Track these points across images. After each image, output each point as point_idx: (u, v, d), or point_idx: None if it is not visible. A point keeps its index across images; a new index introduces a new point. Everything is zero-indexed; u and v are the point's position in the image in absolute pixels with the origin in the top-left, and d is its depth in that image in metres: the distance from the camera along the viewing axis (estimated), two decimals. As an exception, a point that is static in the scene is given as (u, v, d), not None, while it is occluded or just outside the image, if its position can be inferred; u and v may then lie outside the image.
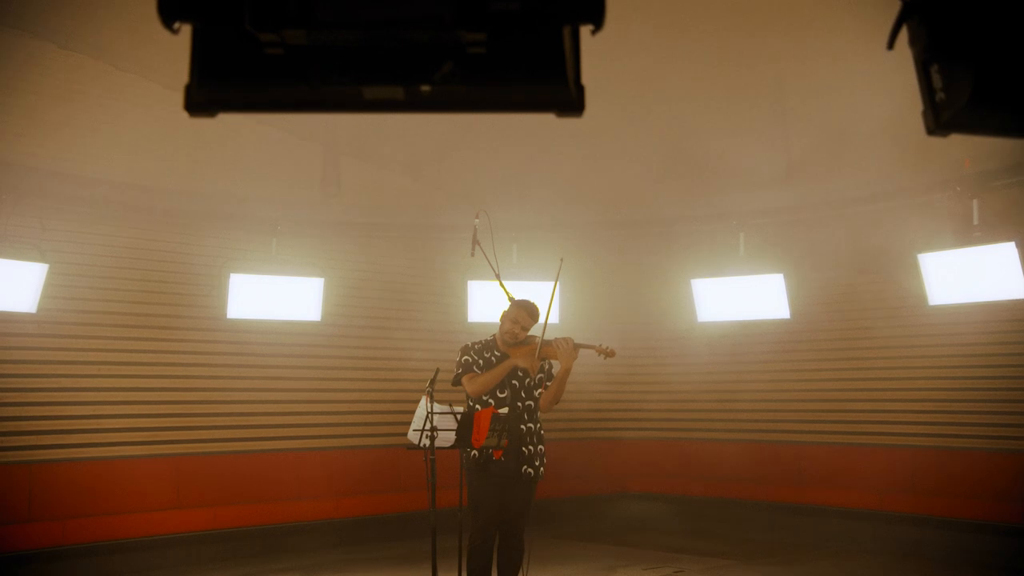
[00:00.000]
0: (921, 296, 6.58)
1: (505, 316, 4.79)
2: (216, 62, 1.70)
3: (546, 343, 4.68)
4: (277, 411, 7.84)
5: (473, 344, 4.87)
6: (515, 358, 4.75)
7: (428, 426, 4.32)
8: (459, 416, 4.43)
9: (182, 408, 7.38)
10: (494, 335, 4.89)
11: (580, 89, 1.78)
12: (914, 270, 6.54)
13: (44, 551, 6.25)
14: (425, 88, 1.72)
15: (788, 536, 7.89)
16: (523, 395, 4.74)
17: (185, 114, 1.77)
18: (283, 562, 7.06)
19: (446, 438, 4.40)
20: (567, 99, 1.78)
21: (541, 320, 4.74)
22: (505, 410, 4.56)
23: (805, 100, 6.29)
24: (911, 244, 6.54)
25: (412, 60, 1.70)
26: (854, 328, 8.07)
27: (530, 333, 4.82)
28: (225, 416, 7.60)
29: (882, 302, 7.84)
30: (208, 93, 1.73)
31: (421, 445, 4.36)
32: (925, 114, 1.92)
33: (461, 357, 4.83)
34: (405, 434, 4.47)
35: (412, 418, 4.44)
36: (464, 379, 4.75)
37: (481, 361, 4.80)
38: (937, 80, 1.89)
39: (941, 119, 1.87)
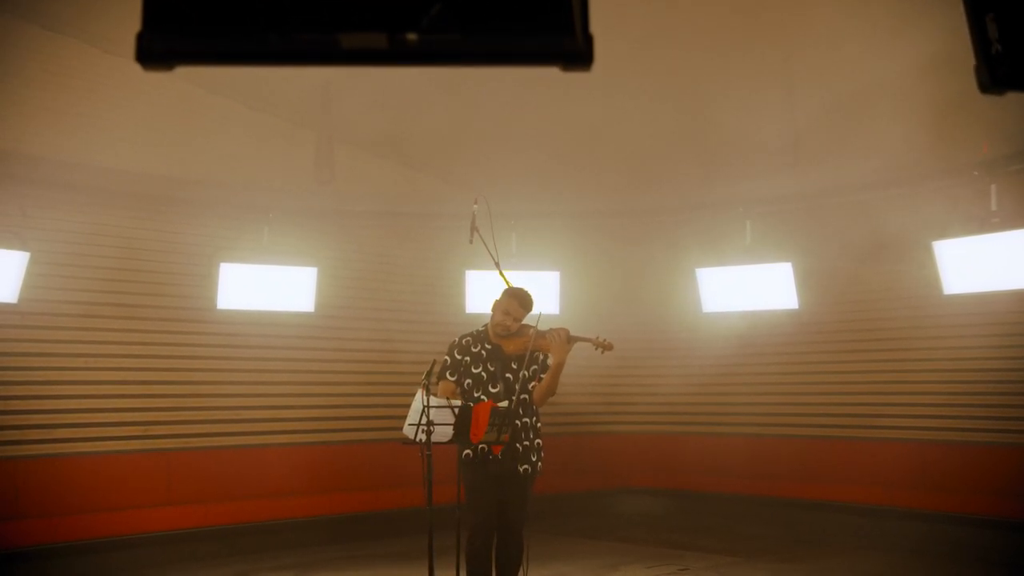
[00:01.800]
0: (935, 285, 6.42)
1: (496, 306, 4.61)
2: (171, 5, 1.48)
3: (539, 335, 4.50)
4: (270, 404, 7.70)
5: (462, 339, 4.68)
6: (506, 349, 4.58)
7: (424, 420, 4.15)
8: (457, 410, 4.24)
9: (172, 402, 7.24)
10: (486, 325, 4.71)
11: (588, 39, 1.57)
12: (928, 258, 6.37)
13: (32, 549, 6.10)
14: (412, 36, 1.50)
15: (794, 532, 7.76)
16: (517, 389, 4.54)
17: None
18: (277, 559, 6.93)
19: (443, 433, 4.25)
20: (574, 50, 1.56)
21: (535, 312, 4.55)
22: (505, 404, 4.39)
23: (812, 79, 6.07)
24: (925, 231, 6.37)
25: (397, 3, 1.49)
26: (864, 319, 7.91)
27: (524, 323, 4.64)
28: (216, 410, 7.46)
29: (894, 292, 7.68)
30: (162, 42, 1.51)
31: (417, 440, 4.19)
32: (978, 70, 1.70)
33: (445, 355, 4.68)
34: (401, 428, 4.31)
35: (408, 412, 4.27)
36: (440, 382, 4.63)
37: (468, 358, 4.62)
38: (992, 30, 1.67)
39: (998, 75, 1.66)
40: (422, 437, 4.15)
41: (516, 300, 4.56)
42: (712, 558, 7.00)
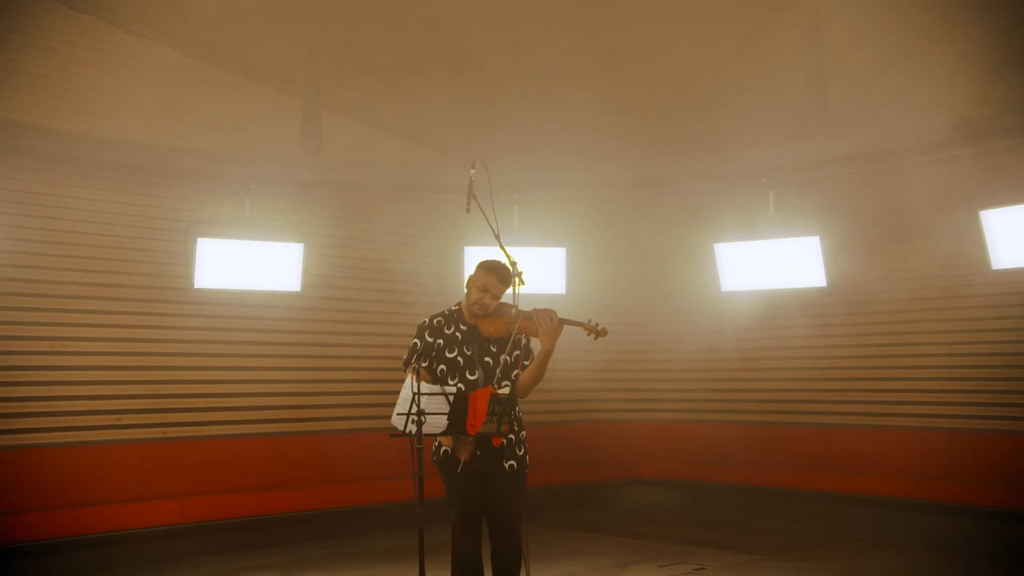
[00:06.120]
0: (980, 260, 6.22)
1: (472, 282, 4.19)
2: None
3: (525, 316, 4.08)
4: (252, 391, 7.51)
5: (433, 319, 4.26)
6: (484, 331, 4.16)
7: (414, 409, 3.72)
8: (451, 398, 3.80)
9: (146, 389, 7.03)
10: (459, 304, 4.29)
11: None
12: (974, 230, 6.11)
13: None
14: None
15: (815, 527, 7.55)
16: (498, 376, 4.15)
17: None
18: (260, 558, 6.70)
19: (436, 423, 3.83)
20: None
21: (523, 290, 4.11)
22: (507, 390, 3.99)
23: (843, 28, 5.61)
24: (971, 200, 6.13)
25: None
26: (900, 299, 7.66)
27: (503, 301, 4.21)
28: (194, 397, 7.26)
29: (934, 268, 7.46)
30: None
31: (407, 432, 3.77)
32: None
33: (413, 337, 4.25)
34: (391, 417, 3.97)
35: (397, 400, 3.87)
36: (408, 368, 4.16)
37: (441, 341, 4.20)
38: None
39: None
40: (412, 428, 3.73)
41: (494, 274, 4.13)
42: (729, 556, 6.72)
